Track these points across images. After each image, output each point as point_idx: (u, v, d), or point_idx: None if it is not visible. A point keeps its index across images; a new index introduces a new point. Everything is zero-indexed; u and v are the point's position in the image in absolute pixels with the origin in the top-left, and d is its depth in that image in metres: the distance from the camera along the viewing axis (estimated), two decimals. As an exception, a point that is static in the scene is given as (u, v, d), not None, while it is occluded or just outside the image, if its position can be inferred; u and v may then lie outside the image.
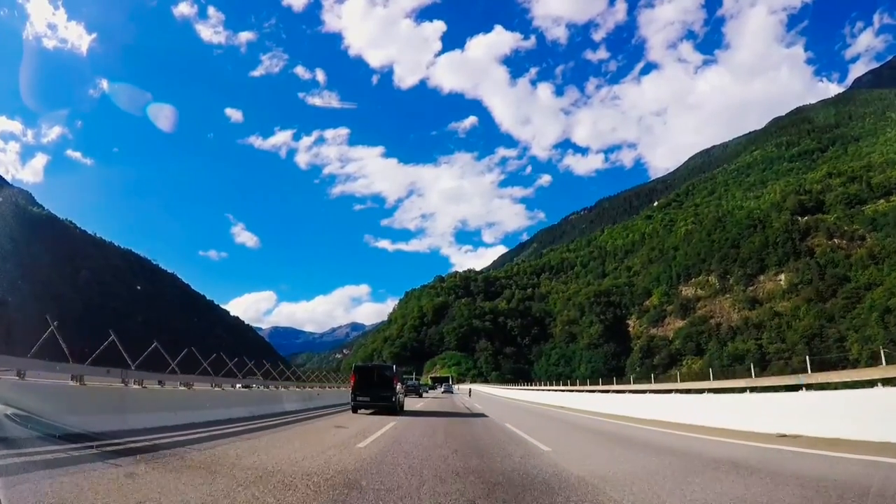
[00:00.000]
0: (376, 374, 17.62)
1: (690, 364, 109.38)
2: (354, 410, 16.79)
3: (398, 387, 18.49)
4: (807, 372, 11.24)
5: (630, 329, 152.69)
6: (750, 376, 13.73)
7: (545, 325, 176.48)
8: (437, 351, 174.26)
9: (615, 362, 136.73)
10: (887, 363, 9.32)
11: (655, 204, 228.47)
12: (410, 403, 25.85)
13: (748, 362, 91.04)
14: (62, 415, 7.12)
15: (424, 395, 49.32)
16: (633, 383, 25.54)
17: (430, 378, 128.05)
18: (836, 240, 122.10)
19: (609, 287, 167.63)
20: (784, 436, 9.18)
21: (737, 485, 5.14)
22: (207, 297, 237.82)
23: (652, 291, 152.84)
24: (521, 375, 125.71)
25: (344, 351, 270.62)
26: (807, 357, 13.41)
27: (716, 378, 17.26)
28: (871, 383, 8.81)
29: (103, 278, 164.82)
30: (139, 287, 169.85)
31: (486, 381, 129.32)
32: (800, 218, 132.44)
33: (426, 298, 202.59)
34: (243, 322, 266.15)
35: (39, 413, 6.44)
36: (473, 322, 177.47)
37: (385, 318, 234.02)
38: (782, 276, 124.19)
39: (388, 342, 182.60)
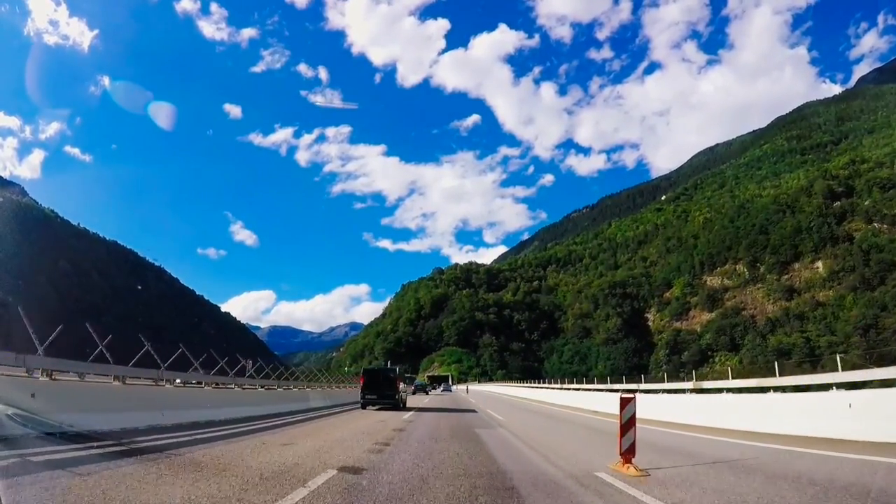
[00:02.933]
0: (381, 376, 21.42)
1: (724, 360, 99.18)
2: (363, 407, 19.81)
3: (401, 386, 21.82)
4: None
5: (650, 323, 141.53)
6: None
7: (555, 319, 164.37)
8: (436, 347, 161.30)
9: (636, 359, 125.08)
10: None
11: (664, 197, 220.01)
12: (417, 400, 31.43)
13: (795, 357, 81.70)
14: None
15: (429, 392, 56.59)
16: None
17: (427, 377, 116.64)
18: (876, 224, 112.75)
19: (624, 278, 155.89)
20: None
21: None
22: (197, 293, 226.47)
23: (672, 282, 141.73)
24: (530, 374, 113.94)
25: (340, 349, 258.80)
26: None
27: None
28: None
29: (83, 270, 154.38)
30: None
31: (490, 380, 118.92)
32: (832, 202, 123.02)
33: (424, 290, 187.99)
34: (236, 320, 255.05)
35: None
36: (476, 315, 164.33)
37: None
38: (820, 263, 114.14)
39: (382, 337, 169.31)
